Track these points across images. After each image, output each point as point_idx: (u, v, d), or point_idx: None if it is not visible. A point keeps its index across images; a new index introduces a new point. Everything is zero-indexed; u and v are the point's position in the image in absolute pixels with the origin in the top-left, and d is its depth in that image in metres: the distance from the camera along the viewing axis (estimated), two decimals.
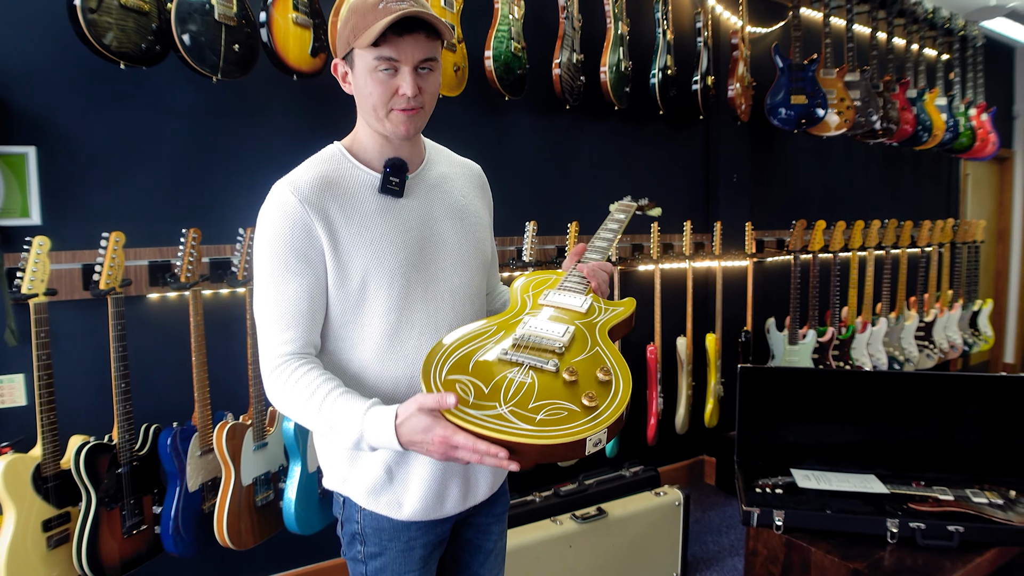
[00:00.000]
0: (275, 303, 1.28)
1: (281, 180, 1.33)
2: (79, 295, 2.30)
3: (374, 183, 1.36)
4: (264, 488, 2.41)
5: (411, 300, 1.35)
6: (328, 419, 1.22)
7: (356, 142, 1.40)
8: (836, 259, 4.24)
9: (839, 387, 2.35)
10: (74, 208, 2.32)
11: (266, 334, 1.30)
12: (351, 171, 1.36)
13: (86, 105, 2.32)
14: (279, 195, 1.30)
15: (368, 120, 1.34)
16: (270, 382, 1.29)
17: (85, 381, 2.34)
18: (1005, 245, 6.79)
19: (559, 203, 3.48)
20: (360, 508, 1.40)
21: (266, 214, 1.31)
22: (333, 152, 1.39)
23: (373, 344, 1.33)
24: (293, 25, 2.39)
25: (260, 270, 1.30)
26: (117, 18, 2.05)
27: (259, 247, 1.30)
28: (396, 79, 1.27)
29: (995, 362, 6.81)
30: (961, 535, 1.91)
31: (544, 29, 3.24)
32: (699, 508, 3.81)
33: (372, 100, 1.29)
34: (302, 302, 1.28)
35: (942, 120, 4.86)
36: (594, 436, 1.09)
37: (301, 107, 2.69)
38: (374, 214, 1.33)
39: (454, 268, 1.42)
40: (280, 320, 1.28)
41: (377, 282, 1.31)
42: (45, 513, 2.01)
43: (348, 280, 1.31)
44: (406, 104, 1.29)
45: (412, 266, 1.35)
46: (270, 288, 1.29)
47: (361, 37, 1.23)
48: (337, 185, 1.33)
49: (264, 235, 1.29)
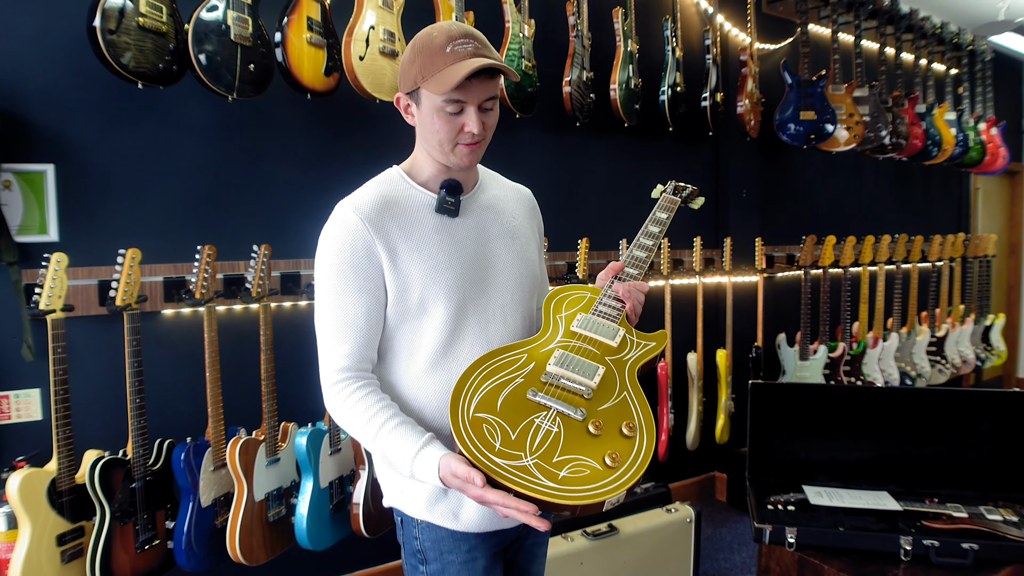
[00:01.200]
0: (334, 317, 1.34)
1: (344, 200, 1.39)
2: (95, 311, 2.32)
3: (431, 203, 1.42)
4: (276, 503, 2.42)
5: (465, 315, 1.40)
6: (382, 449, 1.30)
7: (415, 166, 1.46)
8: (847, 274, 4.24)
9: (851, 403, 2.35)
10: (91, 225, 2.35)
11: (325, 347, 1.36)
12: (409, 192, 1.42)
13: (104, 124, 2.36)
14: (342, 215, 1.36)
15: (431, 152, 1.40)
16: (329, 397, 1.36)
17: (100, 396, 2.36)
18: (1017, 259, 6.76)
19: (569, 219, 3.49)
20: (417, 522, 1.43)
21: (329, 232, 1.36)
22: (392, 175, 1.45)
23: (428, 355, 1.38)
24: (307, 45, 2.42)
25: (321, 285, 1.36)
26: (135, 39, 2.09)
27: (321, 263, 1.36)
28: (462, 117, 1.33)
29: (1008, 377, 6.76)
30: (975, 553, 1.90)
31: (554, 47, 3.27)
32: (710, 525, 3.79)
33: (439, 136, 1.34)
34: (359, 318, 1.34)
35: (951, 135, 4.86)
36: (613, 498, 1.12)
37: (315, 126, 2.72)
38: (431, 232, 1.39)
39: (505, 285, 1.47)
40: (338, 334, 1.34)
41: (435, 296, 1.36)
42: (60, 527, 2.02)
43: (408, 294, 1.36)
44: (471, 140, 1.36)
45: (468, 281, 1.40)
46: (330, 303, 1.34)
47: (431, 81, 1.29)
48: (396, 205, 1.39)
49: (326, 252, 1.35)
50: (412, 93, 1.36)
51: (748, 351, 3.95)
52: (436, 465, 1.22)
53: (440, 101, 1.31)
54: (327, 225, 1.38)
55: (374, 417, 1.30)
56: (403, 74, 1.36)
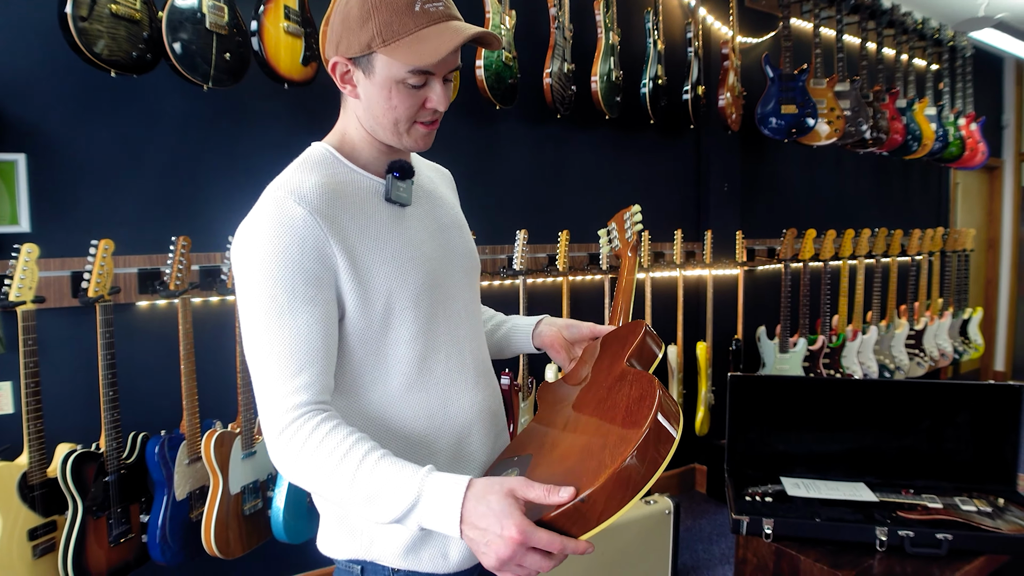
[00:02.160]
0: (281, 342, 1.03)
1: (275, 187, 1.11)
2: (68, 302, 2.29)
3: (379, 190, 1.18)
4: (252, 497, 2.40)
5: (436, 320, 1.19)
6: (365, 489, 0.98)
7: (346, 144, 1.20)
8: (826, 268, 4.26)
9: (829, 395, 2.35)
10: (63, 215, 2.32)
11: (270, 383, 1.04)
12: (351, 176, 1.17)
13: (76, 113, 2.32)
14: (280, 206, 1.07)
15: (377, 131, 1.15)
16: (280, 446, 1.03)
17: (73, 389, 2.33)
18: (995, 253, 6.83)
19: (550, 212, 3.49)
20: (393, 571, 1.17)
21: (263, 230, 1.06)
22: (324, 154, 1.18)
23: (401, 375, 1.15)
24: (284, 34, 2.39)
25: (257, 301, 1.04)
26: (108, 26, 2.06)
27: (253, 272, 1.05)
28: (424, 91, 1.11)
29: (985, 370, 6.84)
30: (950, 543, 1.91)
31: (535, 39, 3.26)
32: (690, 516, 3.81)
33: (395, 114, 1.11)
34: (315, 337, 1.05)
35: (931, 130, 4.89)
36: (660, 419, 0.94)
37: (292, 116, 2.70)
38: (387, 225, 1.16)
39: (462, 283, 1.28)
40: (289, 363, 1.03)
41: (402, 303, 1.13)
42: (31, 522, 2.00)
43: (371, 304, 1.11)
44: (432, 117, 1.15)
45: (434, 282, 1.19)
46: (273, 324, 1.03)
47: (397, 47, 1.06)
48: (343, 193, 1.13)
49: (261, 256, 1.04)
50: (360, 60, 1.09)
51: (728, 344, 3.96)
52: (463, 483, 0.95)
53: (405, 72, 1.07)
54: (257, 220, 1.07)
55: (351, 451, 1.00)
56: (347, 33, 1.08)
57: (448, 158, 1.63)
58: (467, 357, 1.25)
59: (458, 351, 1.23)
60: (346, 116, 1.20)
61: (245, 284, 1.06)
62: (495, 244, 3.24)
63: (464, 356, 1.24)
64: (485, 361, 1.34)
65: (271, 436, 1.04)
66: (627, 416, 0.98)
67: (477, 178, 3.24)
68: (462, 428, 1.22)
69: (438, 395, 1.19)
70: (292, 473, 1.04)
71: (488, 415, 1.28)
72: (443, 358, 1.20)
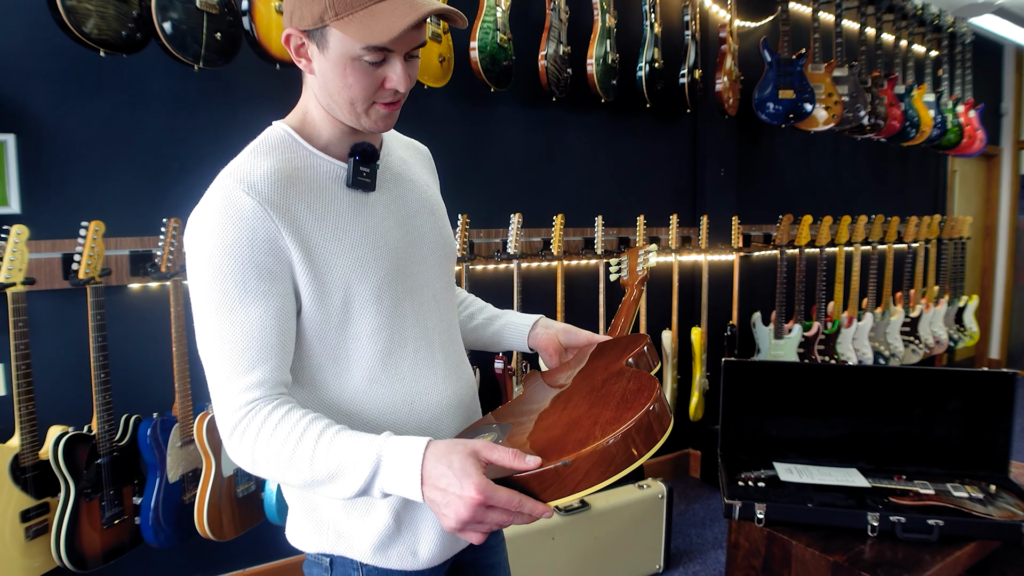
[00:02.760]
0: (232, 338, 0.99)
1: (225, 175, 1.04)
2: (59, 284, 2.28)
3: (340, 175, 1.11)
4: (245, 479, 2.40)
5: (402, 312, 1.14)
6: (326, 466, 0.96)
7: (307, 124, 1.13)
8: (822, 254, 4.26)
9: (823, 381, 2.35)
10: (54, 197, 2.30)
11: (221, 381, 1.00)
12: (310, 160, 1.11)
13: (66, 93, 2.30)
14: (228, 196, 1.01)
15: (335, 110, 1.09)
16: (234, 442, 1.00)
17: (64, 371, 2.32)
18: (991, 242, 6.83)
19: (545, 195, 3.47)
20: (361, 565, 1.15)
21: (210, 222, 1.00)
22: (282, 136, 1.12)
23: (363, 370, 1.11)
24: (276, 13, 2.36)
25: (207, 296, 1.00)
26: (97, 5, 2.03)
27: (203, 266, 1.00)
28: (383, 69, 1.04)
29: (980, 358, 6.86)
30: (941, 529, 1.92)
31: (530, 21, 3.23)
32: (683, 501, 3.82)
33: (350, 93, 1.05)
34: (269, 333, 1.01)
35: (930, 116, 4.88)
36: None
37: (284, 96, 2.65)
38: (347, 213, 1.10)
39: (434, 270, 1.23)
40: (241, 359, 0.99)
41: (363, 296, 1.08)
42: (23, 504, 2.00)
43: (328, 297, 1.06)
44: (392, 99, 1.07)
45: (399, 273, 1.14)
46: (224, 319, 1.00)
47: (350, 22, 0.99)
48: (299, 180, 1.07)
49: (209, 250, 1.00)
50: (314, 33, 1.02)
51: (723, 329, 3.96)
52: (422, 442, 0.93)
53: (359, 49, 1.00)
54: (205, 212, 1.02)
55: (308, 429, 0.97)
56: (300, 3, 1.01)
57: (442, 140, 1.62)
58: (436, 350, 1.21)
59: (427, 343, 1.18)
60: (306, 93, 1.13)
61: (195, 278, 1.02)
62: (489, 228, 3.23)
63: (433, 349, 1.20)
64: (458, 352, 1.29)
65: (225, 434, 1.01)
66: (622, 402, 0.97)
67: (471, 161, 3.23)
68: (429, 423, 1.18)
69: (403, 390, 1.15)
70: (253, 467, 1.01)
71: (459, 409, 1.24)
72: (410, 352, 1.16)
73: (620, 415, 0.93)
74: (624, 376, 1.07)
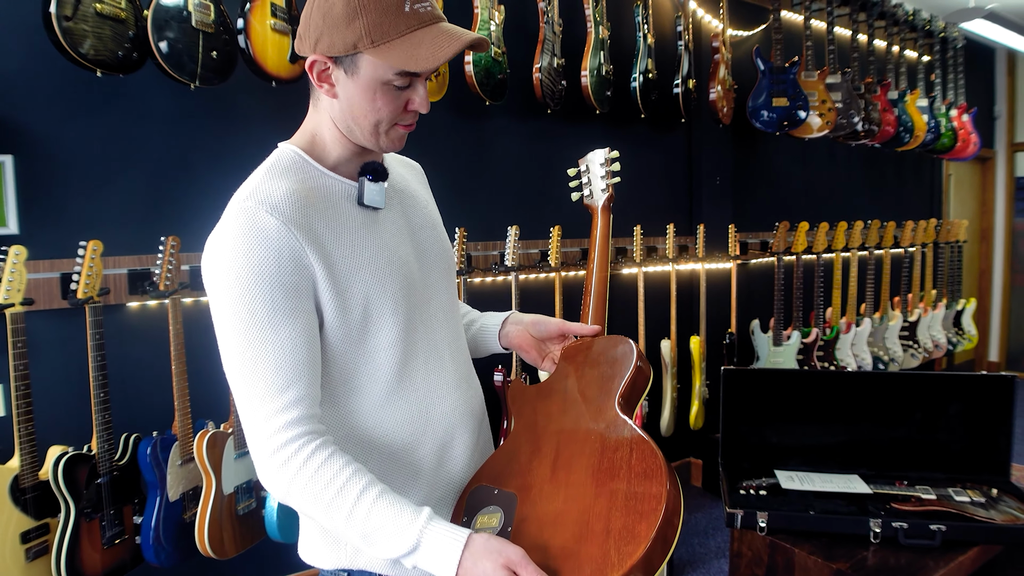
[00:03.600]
0: (264, 359, 1.00)
1: (243, 197, 1.06)
2: (57, 304, 2.27)
3: (350, 193, 1.14)
4: (246, 497, 2.39)
5: (414, 326, 1.16)
6: (361, 528, 0.99)
7: (317, 145, 1.16)
8: (820, 260, 4.26)
9: (822, 388, 2.36)
10: (52, 217, 2.30)
11: (256, 402, 1.01)
12: (323, 181, 1.13)
13: (63, 113, 2.31)
14: (252, 218, 1.02)
15: (354, 132, 1.12)
16: (271, 470, 1.01)
17: (64, 391, 2.31)
18: (988, 244, 6.84)
19: (541, 207, 3.48)
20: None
21: (236, 243, 1.02)
22: (293, 158, 1.14)
23: (381, 383, 1.13)
24: (271, 31, 2.38)
25: (235, 318, 1.01)
26: (93, 26, 2.04)
27: (230, 288, 1.01)
28: (407, 92, 1.09)
29: (980, 361, 6.86)
30: (943, 534, 1.91)
31: (524, 34, 3.25)
32: (686, 510, 3.81)
33: (377, 116, 1.08)
34: (300, 351, 1.02)
35: (923, 121, 4.90)
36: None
37: (280, 114, 2.68)
38: (361, 230, 1.12)
39: (439, 284, 1.26)
40: (275, 379, 1.00)
41: (380, 310, 1.11)
42: (23, 525, 1.99)
43: (349, 312, 1.08)
44: (413, 120, 1.12)
45: (411, 286, 1.16)
46: (255, 340, 1.01)
47: (387, 49, 1.02)
48: (315, 199, 1.09)
49: (236, 271, 1.01)
50: (342, 59, 1.05)
51: (722, 338, 3.96)
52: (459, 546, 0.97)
53: (392, 74, 1.04)
54: (228, 234, 1.03)
55: (346, 486, 0.99)
56: (330, 31, 1.03)
57: (438, 154, 1.62)
58: (446, 360, 1.23)
59: (437, 355, 1.21)
60: (317, 115, 1.16)
61: (221, 301, 1.02)
62: (487, 240, 3.24)
63: (443, 360, 1.22)
64: (466, 362, 1.32)
65: (261, 457, 1.01)
66: (630, 503, 0.98)
67: (467, 174, 3.23)
68: (444, 434, 1.20)
69: (418, 402, 1.17)
70: (284, 498, 1.03)
71: (470, 418, 1.26)
72: (422, 363, 1.18)
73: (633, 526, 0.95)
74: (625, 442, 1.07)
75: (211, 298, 1.04)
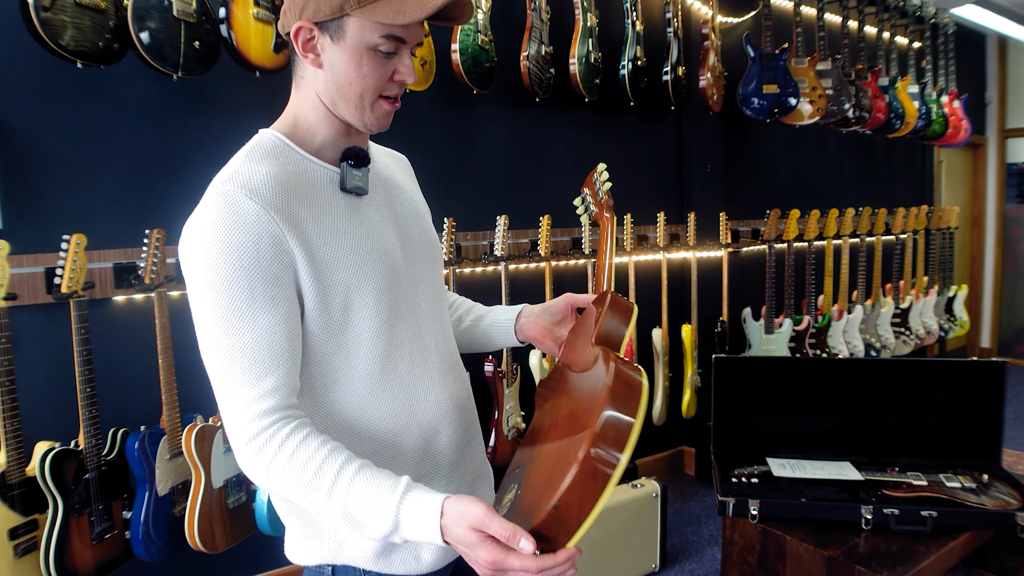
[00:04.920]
0: (242, 346, 0.99)
1: (222, 180, 1.04)
2: (42, 299, 2.25)
3: (333, 179, 1.12)
4: (236, 490, 2.38)
5: (398, 316, 1.14)
6: (341, 507, 0.97)
7: (300, 129, 1.13)
8: (811, 248, 4.26)
9: (814, 375, 2.35)
10: (34, 211, 2.28)
11: (233, 390, 1.00)
12: (304, 165, 1.10)
13: (44, 105, 2.27)
14: (230, 202, 1.00)
15: (339, 106, 1.09)
16: (248, 456, 1.00)
17: (50, 386, 2.29)
18: (979, 231, 6.86)
19: (531, 196, 3.46)
20: (364, 572, 1.14)
21: (214, 228, 0.99)
22: (274, 142, 1.11)
23: (363, 375, 1.10)
24: (254, 21, 2.35)
25: (213, 304, 0.99)
26: (72, 16, 2.01)
27: (208, 273, 0.98)
28: (393, 62, 1.06)
29: (971, 347, 6.88)
30: (935, 520, 1.92)
31: (512, 22, 3.22)
32: (678, 499, 3.81)
33: (362, 85, 1.06)
34: (279, 338, 1.00)
35: (914, 108, 4.89)
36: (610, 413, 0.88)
37: (264, 104, 2.65)
38: (344, 217, 1.10)
39: (426, 273, 1.23)
40: (253, 367, 0.99)
41: (362, 299, 1.08)
42: (11, 521, 1.97)
43: (330, 301, 1.06)
44: (397, 91, 1.10)
45: (395, 276, 1.14)
46: (232, 327, 0.98)
47: (378, 7, 1.00)
48: (296, 184, 1.06)
49: (213, 257, 0.98)
50: (327, 23, 1.03)
51: (714, 326, 3.96)
52: (436, 511, 0.93)
53: (378, 37, 1.03)
54: (206, 218, 1.01)
55: (324, 465, 0.97)
56: None
57: (425, 144, 1.61)
58: (431, 352, 1.21)
59: (421, 346, 1.18)
60: (299, 96, 1.13)
61: (199, 286, 1.00)
62: (476, 230, 3.22)
63: (428, 351, 1.20)
64: (452, 354, 1.29)
65: (239, 445, 1.00)
66: (589, 408, 0.94)
67: (456, 164, 3.21)
68: (429, 426, 1.18)
69: (402, 394, 1.15)
70: (264, 484, 1.02)
71: (456, 410, 1.24)
72: (407, 354, 1.15)
73: (587, 423, 0.90)
74: (591, 370, 1.04)
75: (189, 284, 1.01)
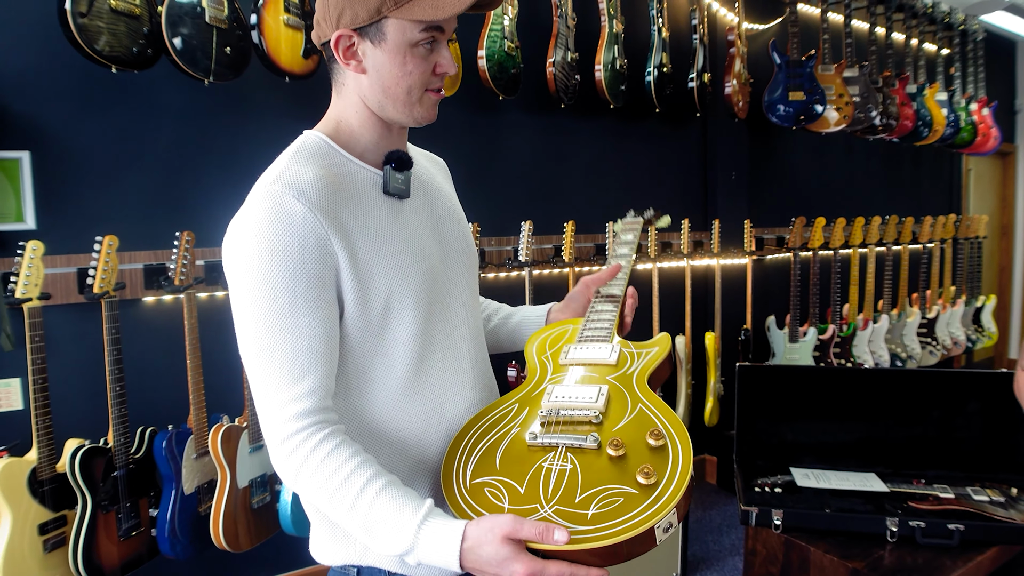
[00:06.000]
0: (283, 347, 0.99)
1: (270, 180, 1.04)
2: (74, 299, 2.29)
3: (376, 182, 1.12)
4: (260, 490, 2.40)
5: (432, 321, 1.14)
6: (362, 521, 0.98)
7: (342, 132, 1.14)
8: (836, 256, 4.22)
9: (838, 385, 2.33)
10: (68, 212, 2.32)
11: (271, 389, 1.00)
12: (348, 167, 1.11)
13: (79, 109, 2.32)
14: (278, 202, 1.00)
15: (386, 106, 1.10)
16: (282, 456, 1.01)
17: (80, 384, 2.34)
18: (1008, 240, 6.76)
19: (555, 202, 3.47)
20: (388, 574, 1.14)
21: (261, 227, 0.99)
22: (319, 144, 1.12)
23: (397, 378, 1.11)
24: (284, 27, 2.38)
25: (255, 303, 1.00)
26: (108, 22, 2.05)
27: (252, 272, 0.99)
28: (433, 55, 1.08)
29: (999, 358, 6.78)
30: (961, 533, 1.89)
31: (538, 28, 3.24)
32: (700, 508, 3.79)
33: (408, 83, 1.07)
34: (318, 340, 1.01)
35: (942, 115, 4.84)
36: (663, 520, 0.90)
37: (293, 109, 2.69)
38: (386, 220, 1.10)
39: (460, 278, 1.24)
40: (291, 368, 0.99)
41: (401, 303, 1.09)
42: (41, 516, 2.01)
43: (370, 304, 1.06)
44: (441, 84, 1.11)
45: (432, 280, 1.14)
46: (274, 326, 0.99)
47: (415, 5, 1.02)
48: (341, 186, 1.07)
49: (259, 256, 0.99)
50: (366, 28, 1.05)
51: (737, 334, 3.94)
52: (458, 537, 0.92)
53: (419, 33, 1.04)
54: (253, 217, 1.01)
55: (350, 478, 0.98)
56: (351, 2, 1.03)
57: (451, 149, 1.62)
58: (464, 356, 1.21)
59: (454, 351, 1.19)
60: (342, 100, 1.14)
61: (241, 285, 1.01)
62: (500, 236, 3.23)
63: (461, 356, 1.20)
64: (484, 360, 1.31)
65: (273, 444, 1.01)
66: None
67: (481, 170, 3.23)
68: (456, 429, 1.18)
69: (433, 398, 1.15)
70: (293, 485, 1.03)
71: None
72: (439, 359, 1.16)
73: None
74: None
75: (231, 282, 1.02)
